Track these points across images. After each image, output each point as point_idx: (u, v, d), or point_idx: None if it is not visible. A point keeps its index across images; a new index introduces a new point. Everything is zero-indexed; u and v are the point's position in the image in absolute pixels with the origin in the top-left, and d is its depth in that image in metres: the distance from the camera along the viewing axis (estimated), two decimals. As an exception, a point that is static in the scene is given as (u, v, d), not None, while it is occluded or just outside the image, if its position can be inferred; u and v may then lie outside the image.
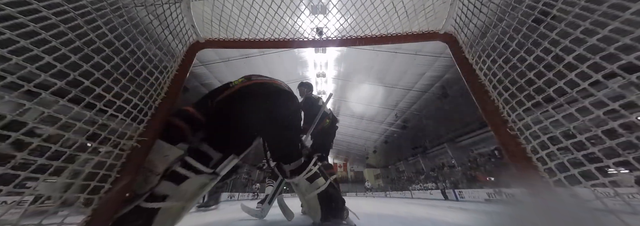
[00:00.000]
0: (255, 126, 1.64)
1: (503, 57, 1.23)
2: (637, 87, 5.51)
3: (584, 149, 0.89)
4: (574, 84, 0.90)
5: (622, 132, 0.75)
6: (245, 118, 1.57)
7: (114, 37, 1.15)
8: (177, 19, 1.60)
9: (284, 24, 1.87)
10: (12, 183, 0.76)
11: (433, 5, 1.71)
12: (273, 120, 1.63)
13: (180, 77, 1.56)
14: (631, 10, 0.76)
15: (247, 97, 1.59)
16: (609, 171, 4.37)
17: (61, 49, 0.91)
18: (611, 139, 0.79)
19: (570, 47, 0.93)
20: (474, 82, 1.41)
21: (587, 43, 0.85)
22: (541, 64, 1.02)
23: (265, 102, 1.61)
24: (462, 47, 1.60)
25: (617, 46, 0.78)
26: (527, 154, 1.05)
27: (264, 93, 1.64)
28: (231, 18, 1.81)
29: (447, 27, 1.74)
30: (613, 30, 0.78)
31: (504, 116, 1.20)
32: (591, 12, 0.85)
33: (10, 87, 0.78)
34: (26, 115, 0.86)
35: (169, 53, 1.60)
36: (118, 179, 1.07)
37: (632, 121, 0.76)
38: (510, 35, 1.20)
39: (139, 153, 1.17)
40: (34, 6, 0.86)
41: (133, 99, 1.19)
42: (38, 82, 0.81)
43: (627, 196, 0.79)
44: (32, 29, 0.82)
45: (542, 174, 0.99)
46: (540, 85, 1.04)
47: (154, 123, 1.29)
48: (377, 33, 1.91)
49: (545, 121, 1.04)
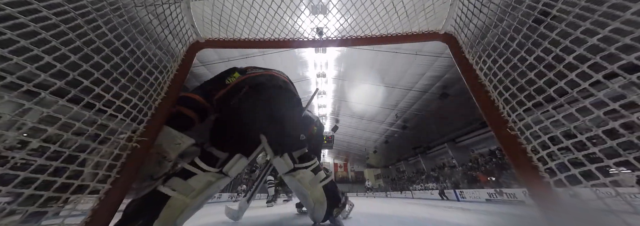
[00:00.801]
0: (261, 118, 1.64)
1: (503, 58, 1.23)
2: (638, 87, 5.51)
3: (584, 149, 0.89)
4: (574, 84, 0.90)
5: (623, 132, 0.75)
6: (250, 112, 1.59)
7: (114, 37, 1.15)
8: (177, 18, 1.60)
9: (284, 24, 1.87)
10: (12, 183, 0.76)
11: (433, 5, 1.71)
12: (278, 113, 1.67)
13: (180, 77, 1.56)
14: (631, 10, 0.76)
15: (250, 93, 1.61)
16: (611, 171, 4.36)
17: (61, 48, 0.91)
18: (612, 139, 0.79)
19: (570, 47, 0.93)
20: (474, 82, 1.41)
21: (588, 43, 0.85)
22: (541, 64, 1.02)
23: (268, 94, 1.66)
24: (462, 48, 1.60)
25: (617, 46, 0.77)
26: (528, 154, 1.05)
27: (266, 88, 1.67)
28: (231, 18, 1.82)
29: (447, 27, 1.74)
30: (613, 30, 0.78)
31: (504, 116, 1.20)
32: (591, 12, 0.85)
33: (10, 87, 0.78)
34: (26, 115, 0.86)
35: (168, 53, 1.60)
36: (118, 179, 1.07)
37: (633, 121, 0.76)
38: (511, 35, 1.20)
39: (139, 153, 1.17)
40: (34, 6, 0.86)
41: (133, 99, 1.19)
42: (38, 82, 0.81)
43: (628, 196, 0.79)
44: (33, 29, 0.82)
45: (542, 174, 0.99)
46: (540, 85, 1.03)
47: (153, 123, 1.29)
48: (377, 33, 1.91)
49: (546, 121, 1.04)
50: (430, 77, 10.98)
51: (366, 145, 25.28)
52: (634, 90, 5.82)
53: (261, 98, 1.65)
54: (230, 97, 1.62)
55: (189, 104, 1.55)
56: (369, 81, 12.67)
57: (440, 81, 11.07)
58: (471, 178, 13.02)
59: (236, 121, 1.59)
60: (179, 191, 1.22)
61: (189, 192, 1.25)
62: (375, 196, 20.96)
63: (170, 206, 1.16)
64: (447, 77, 10.66)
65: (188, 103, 1.55)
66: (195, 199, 1.26)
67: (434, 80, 11.17)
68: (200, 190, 1.29)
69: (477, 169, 13.17)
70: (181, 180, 1.26)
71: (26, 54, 0.80)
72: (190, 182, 1.27)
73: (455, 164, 17.12)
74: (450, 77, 10.49)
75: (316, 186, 1.66)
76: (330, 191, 1.71)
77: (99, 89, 1.05)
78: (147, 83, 1.30)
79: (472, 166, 14.23)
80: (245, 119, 1.58)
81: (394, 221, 2.17)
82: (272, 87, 1.73)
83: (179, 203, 1.20)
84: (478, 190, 10.62)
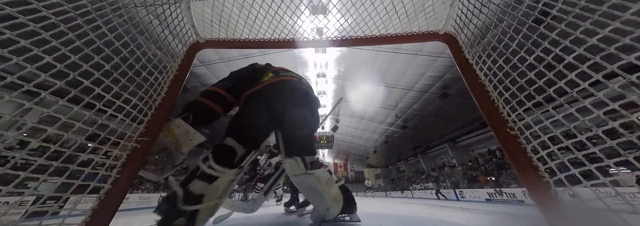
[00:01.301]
0: (288, 122, 1.71)
1: (503, 58, 1.23)
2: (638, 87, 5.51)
3: (584, 149, 0.89)
4: (574, 84, 0.90)
5: (623, 132, 0.75)
6: (278, 114, 1.65)
7: (114, 37, 1.15)
8: (177, 19, 1.60)
9: (284, 24, 1.87)
10: (12, 183, 0.76)
11: (433, 5, 1.71)
12: (304, 117, 1.76)
13: (180, 77, 1.56)
14: (631, 10, 0.76)
15: (280, 94, 1.69)
16: (610, 171, 4.37)
17: (61, 49, 0.90)
18: (612, 139, 0.79)
19: (570, 47, 0.93)
20: (474, 82, 1.41)
21: (588, 43, 0.85)
22: (541, 64, 1.02)
23: (297, 100, 1.74)
24: (462, 48, 1.60)
25: (617, 46, 0.77)
26: (528, 154, 1.05)
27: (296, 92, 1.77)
28: (231, 18, 1.81)
29: (447, 27, 1.74)
30: (613, 30, 0.78)
31: (504, 116, 1.20)
32: (591, 12, 0.85)
33: (10, 87, 0.78)
34: (26, 115, 0.86)
35: (168, 53, 1.60)
36: (118, 179, 1.07)
37: (633, 121, 0.76)
38: (511, 35, 1.20)
39: (139, 153, 1.17)
40: (33, 6, 0.86)
41: (133, 99, 1.19)
42: (38, 83, 0.81)
43: (628, 195, 0.79)
44: (32, 29, 0.82)
45: (542, 174, 0.99)
46: (540, 85, 1.03)
47: (153, 124, 1.29)
48: (377, 33, 1.91)
49: (546, 121, 1.04)
50: (430, 77, 10.97)
51: (366, 145, 25.27)
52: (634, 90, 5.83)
53: (292, 100, 1.74)
54: (261, 95, 1.70)
55: (214, 98, 1.65)
56: (369, 81, 12.67)
57: (440, 81, 11.06)
58: (471, 178, 13.03)
59: (261, 117, 1.64)
60: (208, 195, 1.25)
61: (216, 194, 1.30)
62: (374, 196, 20.96)
63: (203, 211, 1.20)
64: (447, 77, 10.65)
65: (212, 96, 1.65)
66: (221, 198, 1.33)
67: (434, 80, 11.16)
68: (224, 189, 1.35)
69: (477, 169, 13.18)
70: (207, 185, 1.27)
71: (26, 54, 0.80)
72: (215, 185, 1.30)
73: (455, 164, 17.13)
74: (450, 77, 10.48)
75: (332, 185, 1.71)
76: (346, 190, 1.78)
77: (99, 89, 1.05)
78: (147, 83, 1.30)
79: (472, 166, 14.25)
80: (269, 117, 1.64)
81: (394, 220, 2.17)
82: (302, 93, 1.83)
83: (210, 205, 1.25)
84: (478, 189, 10.63)
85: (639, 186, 3.51)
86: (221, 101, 1.69)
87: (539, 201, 0.96)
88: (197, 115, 1.53)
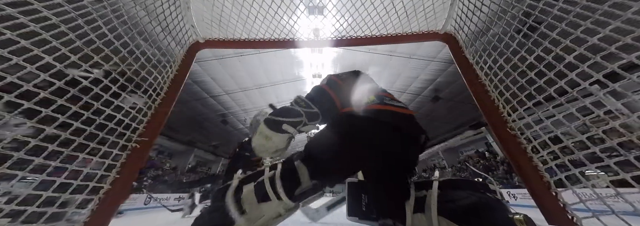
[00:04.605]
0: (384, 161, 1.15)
1: (504, 57, 1.22)
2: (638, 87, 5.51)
3: (584, 149, 0.89)
4: (574, 83, 0.90)
5: (623, 131, 0.75)
6: (376, 148, 1.10)
7: (114, 38, 1.15)
8: (176, 19, 1.60)
9: (283, 24, 1.87)
10: (11, 182, 0.76)
11: (433, 5, 1.71)
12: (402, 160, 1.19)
13: (180, 77, 1.56)
14: (632, 9, 0.76)
15: (389, 127, 1.10)
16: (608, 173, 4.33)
17: (61, 49, 0.90)
18: (612, 139, 0.79)
19: (570, 46, 0.92)
20: (474, 82, 1.40)
21: (588, 43, 0.85)
22: (541, 63, 1.02)
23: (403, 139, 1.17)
24: (462, 47, 1.60)
25: (617, 46, 0.77)
26: (528, 154, 1.05)
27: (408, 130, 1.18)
28: (231, 18, 1.81)
29: (447, 27, 1.73)
30: (613, 30, 0.78)
31: (504, 116, 1.20)
32: (591, 11, 0.85)
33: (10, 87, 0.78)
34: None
35: (168, 53, 1.60)
36: (118, 179, 1.07)
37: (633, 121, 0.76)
38: (511, 34, 1.20)
39: (139, 153, 1.17)
40: (34, 6, 0.86)
41: (133, 99, 1.18)
42: (37, 83, 0.81)
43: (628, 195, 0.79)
44: (32, 29, 0.82)
45: (542, 174, 0.99)
46: (541, 84, 1.03)
47: (153, 124, 1.28)
48: (377, 33, 1.91)
49: (546, 121, 1.04)
50: (423, 80, 11.04)
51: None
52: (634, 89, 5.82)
53: (400, 140, 1.16)
54: (360, 119, 1.14)
55: (322, 99, 1.14)
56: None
57: (432, 84, 11.19)
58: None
59: (357, 147, 1.10)
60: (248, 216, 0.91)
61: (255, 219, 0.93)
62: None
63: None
64: (439, 81, 10.77)
65: (324, 97, 1.14)
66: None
67: (427, 83, 11.27)
68: (265, 221, 0.95)
69: (466, 171, 13.42)
70: (255, 201, 0.95)
71: (26, 55, 0.80)
72: (263, 207, 0.95)
73: (445, 166, 17.80)
74: (443, 80, 10.59)
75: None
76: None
77: (97, 89, 1.05)
78: (146, 83, 1.30)
79: (461, 167, 14.54)
80: (368, 150, 1.11)
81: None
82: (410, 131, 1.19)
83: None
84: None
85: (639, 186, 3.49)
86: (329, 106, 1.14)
87: (539, 201, 0.96)
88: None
